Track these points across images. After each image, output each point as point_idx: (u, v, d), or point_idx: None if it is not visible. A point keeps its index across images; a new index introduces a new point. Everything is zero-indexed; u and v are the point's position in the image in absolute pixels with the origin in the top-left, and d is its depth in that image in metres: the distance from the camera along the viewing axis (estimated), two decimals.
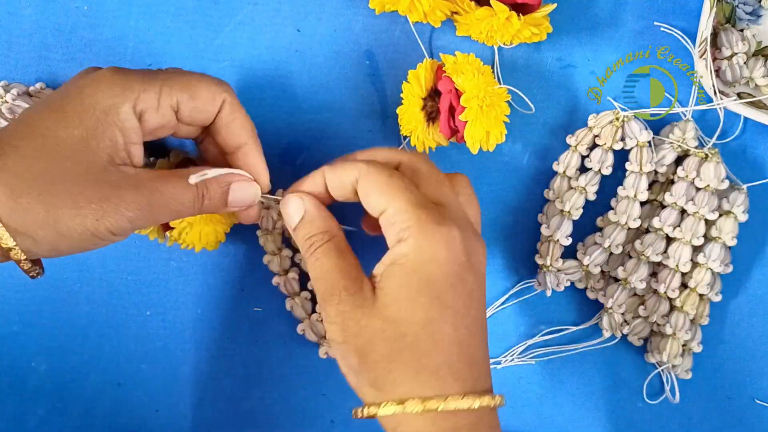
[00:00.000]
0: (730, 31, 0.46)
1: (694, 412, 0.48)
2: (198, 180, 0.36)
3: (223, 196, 0.37)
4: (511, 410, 0.48)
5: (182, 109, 0.36)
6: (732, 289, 0.48)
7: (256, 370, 0.47)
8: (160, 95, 0.35)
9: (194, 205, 0.36)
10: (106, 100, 0.34)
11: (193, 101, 0.36)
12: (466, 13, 0.43)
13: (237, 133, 0.38)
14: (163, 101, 0.35)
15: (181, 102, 0.36)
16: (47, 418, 0.47)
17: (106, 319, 0.47)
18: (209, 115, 0.37)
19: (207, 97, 0.37)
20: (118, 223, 0.33)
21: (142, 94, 0.34)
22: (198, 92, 0.36)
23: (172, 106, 0.36)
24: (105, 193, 0.33)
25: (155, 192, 0.35)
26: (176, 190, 0.35)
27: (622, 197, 0.46)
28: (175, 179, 0.36)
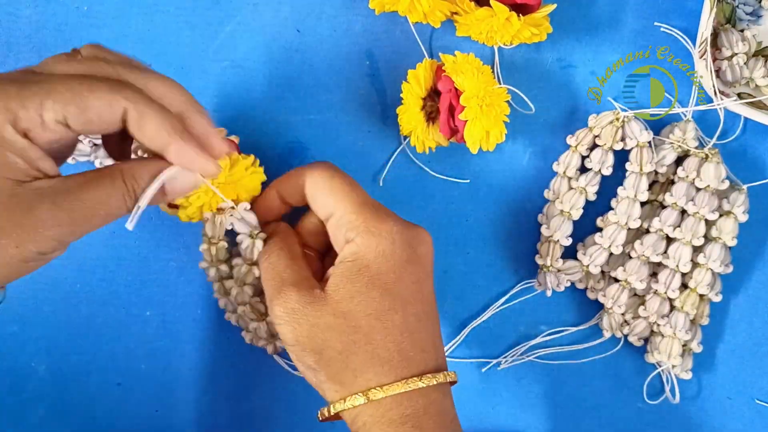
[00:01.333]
0: (730, 32, 0.46)
1: (694, 413, 0.48)
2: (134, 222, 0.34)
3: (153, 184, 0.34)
4: (510, 410, 0.48)
5: (72, 123, 0.32)
6: (732, 289, 0.48)
7: (256, 370, 0.47)
8: (42, 110, 0.31)
9: (126, 202, 0.34)
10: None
11: (83, 114, 0.31)
12: (466, 13, 0.43)
13: (153, 137, 0.33)
14: (46, 117, 0.31)
15: (68, 116, 0.31)
16: (47, 418, 0.47)
17: (106, 319, 0.47)
18: (110, 124, 0.33)
19: (100, 108, 0.32)
20: (43, 245, 0.31)
21: (20, 112, 0.30)
22: (87, 104, 0.31)
23: (59, 120, 0.31)
24: (17, 218, 0.31)
25: (75, 202, 0.32)
26: (100, 194, 0.33)
27: (622, 197, 0.46)
28: (98, 182, 0.33)
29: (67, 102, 0.31)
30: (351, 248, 0.37)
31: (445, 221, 0.48)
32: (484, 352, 0.48)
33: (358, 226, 0.37)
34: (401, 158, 0.47)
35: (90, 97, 0.32)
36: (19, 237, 0.31)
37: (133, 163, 0.34)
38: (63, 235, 0.32)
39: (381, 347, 0.36)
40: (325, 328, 0.36)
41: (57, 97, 0.31)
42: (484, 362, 0.48)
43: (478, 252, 0.48)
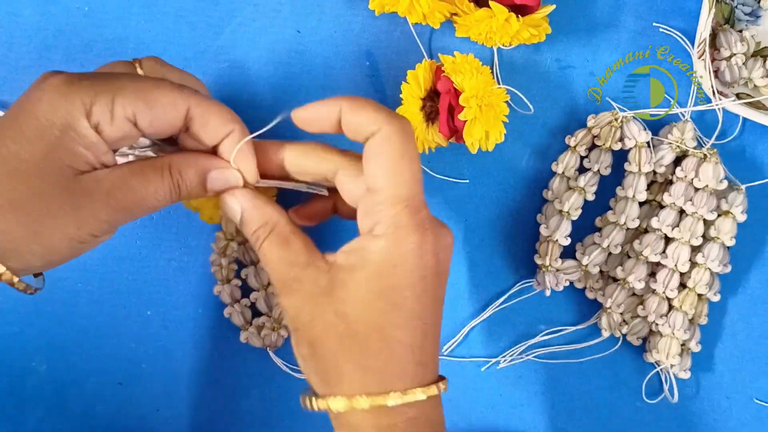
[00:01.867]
0: (729, 32, 0.46)
1: (692, 412, 0.49)
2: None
3: (201, 184, 0.36)
4: (510, 410, 0.48)
5: (140, 119, 0.33)
6: (730, 288, 0.48)
7: (256, 370, 0.47)
8: (112, 107, 0.32)
9: (171, 195, 0.35)
10: (60, 117, 0.32)
11: (150, 111, 0.33)
12: (465, 14, 0.43)
13: (213, 132, 0.35)
14: (116, 113, 0.33)
15: (137, 112, 0.33)
16: (47, 418, 0.47)
17: (106, 318, 0.47)
18: (173, 123, 0.34)
19: (166, 106, 0.34)
20: (97, 227, 0.33)
21: (93, 108, 0.32)
22: (155, 101, 0.33)
23: (128, 117, 0.33)
24: (77, 201, 0.32)
25: (128, 193, 0.34)
26: (149, 187, 0.34)
27: (620, 197, 0.46)
28: (148, 175, 0.34)
29: (136, 99, 0.33)
30: (372, 245, 0.34)
31: (444, 221, 0.47)
32: (484, 352, 0.48)
33: (390, 225, 0.34)
34: None
35: (157, 95, 0.33)
36: (78, 218, 0.33)
37: (181, 158, 0.36)
38: (114, 220, 0.34)
39: (375, 358, 0.34)
40: (323, 323, 0.35)
41: (127, 93, 0.33)
42: (484, 362, 0.48)
43: (478, 252, 0.48)
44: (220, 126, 0.35)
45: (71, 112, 0.32)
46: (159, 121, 0.34)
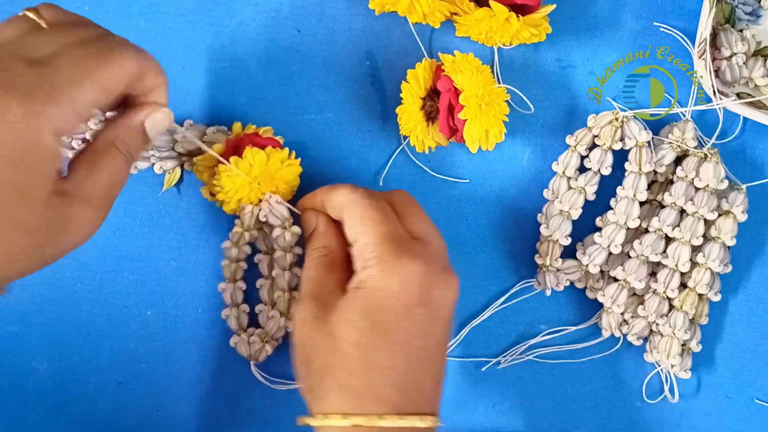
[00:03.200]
0: (729, 32, 0.46)
1: (693, 412, 0.49)
2: None
3: (144, 138, 0.36)
4: (510, 409, 0.48)
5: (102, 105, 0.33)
6: (731, 288, 0.48)
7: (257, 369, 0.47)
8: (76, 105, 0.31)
9: (129, 167, 0.36)
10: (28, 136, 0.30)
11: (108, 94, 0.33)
12: (466, 14, 0.43)
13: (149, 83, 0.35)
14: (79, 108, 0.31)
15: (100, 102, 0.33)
16: (47, 418, 0.47)
17: (106, 318, 0.47)
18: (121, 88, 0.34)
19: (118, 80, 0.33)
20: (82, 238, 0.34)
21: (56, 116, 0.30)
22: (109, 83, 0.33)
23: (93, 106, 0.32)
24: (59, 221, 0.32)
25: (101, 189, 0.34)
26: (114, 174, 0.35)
27: (621, 197, 0.46)
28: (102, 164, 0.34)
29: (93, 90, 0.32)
30: (361, 276, 0.38)
31: (444, 221, 0.48)
32: (484, 352, 0.48)
33: (374, 257, 0.37)
34: (401, 158, 0.47)
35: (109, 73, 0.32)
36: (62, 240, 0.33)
37: (115, 128, 0.35)
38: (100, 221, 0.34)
39: (355, 378, 0.36)
40: (316, 343, 0.37)
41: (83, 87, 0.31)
42: (484, 362, 0.48)
43: (478, 251, 0.48)
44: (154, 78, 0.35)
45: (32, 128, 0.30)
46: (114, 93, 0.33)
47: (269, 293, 0.45)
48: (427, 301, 0.37)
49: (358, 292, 0.37)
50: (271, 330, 0.45)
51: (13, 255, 0.31)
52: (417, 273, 0.37)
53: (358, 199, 0.39)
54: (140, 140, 0.36)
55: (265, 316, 0.45)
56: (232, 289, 0.45)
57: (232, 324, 0.45)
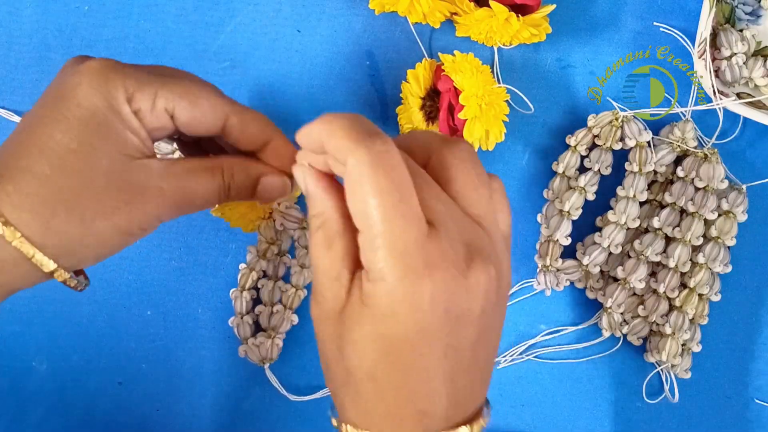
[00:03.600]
0: (729, 32, 0.46)
1: (693, 412, 0.49)
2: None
3: (251, 188, 0.36)
4: (510, 410, 0.48)
5: (178, 116, 0.33)
6: (731, 288, 0.48)
7: (257, 370, 0.47)
8: (155, 97, 0.32)
9: (220, 195, 0.35)
10: (103, 101, 0.31)
11: (191, 110, 0.33)
12: (466, 14, 0.43)
13: (252, 138, 0.36)
14: (158, 104, 0.33)
15: (177, 108, 0.33)
16: (47, 417, 0.47)
17: (106, 318, 0.47)
18: (211, 125, 0.34)
19: (207, 108, 0.34)
20: (146, 221, 0.33)
21: (136, 93, 0.32)
22: (197, 101, 0.33)
23: (168, 110, 0.33)
24: (131, 195, 0.32)
25: (179, 191, 0.33)
26: (201, 185, 0.34)
27: (621, 197, 0.46)
28: (201, 173, 0.34)
29: (179, 95, 0.33)
30: (367, 288, 0.29)
31: None
32: None
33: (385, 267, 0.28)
34: None
35: (200, 96, 0.33)
36: (130, 212, 0.32)
37: (233, 161, 0.35)
38: (163, 214, 0.33)
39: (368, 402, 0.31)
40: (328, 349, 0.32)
41: (171, 88, 0.33)
42: None
43: None
44: (259, 133, 0.36)
45: (114, 95, 0.31)
46: (197, 122, 0.34)
47: (270, 294, 0.45)
48: (448, 319, 0.30)
49: (364, 312, 0.30)
50: (275, 326, 0.45)
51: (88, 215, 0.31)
52: (432, 292, 0.29)
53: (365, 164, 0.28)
54: (247, 188, 0.35)
55: (266, 316, 0.45)
56: (246, 298, 0.45)
57: (240, 332, 0.45)
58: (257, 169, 0.36)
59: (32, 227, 0.30)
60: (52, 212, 0.30)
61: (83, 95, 0.31)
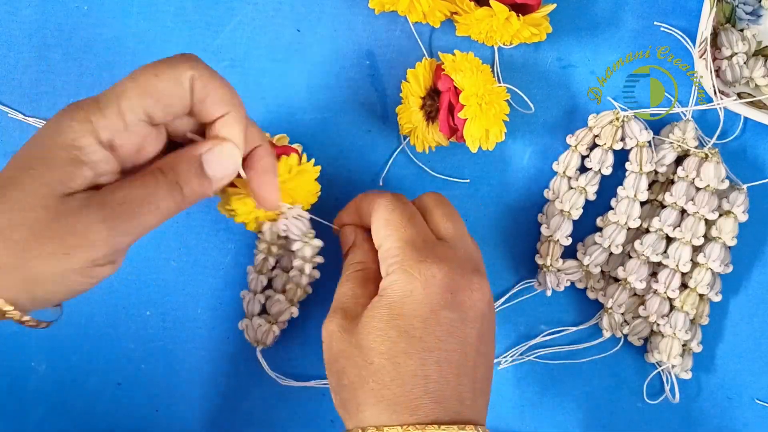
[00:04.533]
0: (730, 31, 0.46)
1: (694, 412, 0.48)
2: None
3: (198, 173, 0.34)
4: (511, 410, 0.48)
5: (153, 115, 0.32)
6: (732, 289, 0.48)
7: (256, 370, 0.47)
8: (121, 114, 0.31)
9: (173, 197, 0.33)
10: (67, 137, 0.31)
11: (159, 102, 0.32)
12: (466, 13, 0.43)
13: (212, 107, 0.34)
14: (128, 118, 0.32)
15: (147, 109, 0.32)
16: (47, 418, 0.47)
17: (106, 319, 0.47)
18: (183, 102, 0.33)
19: (171, 89, 0.32)
20: (94, 251, 0.31)
21: (101, 122, 0.31)
22: (159, 90, 0.32)
23: (141, 118, 0.32)
24: (64, 224, 0.30)
25: (122, 202, 0.31)
26: (143, 191, 0.32)
27: (622, 197, 0.46)
28: (140, 180, 0.32)
29: (140, 95, 0.32)
30: (385, 283, 0.37)
31: None
32: None
33: (396, 262, 0.37)
34: (401, 158, 0.47)
35: (158, 82, 0.32)
36: (68, 243, 0.30)
37: (168, 157, 0.34)
38: (113, 237, 0.31)
39: (387, 388, 0.35)
40: (345, 356, 0.36)
41: (129, 94, 0.31)
42: None
43: None
44: (218, 103, 0.34)
45: (77, 131, 0.31)
46: (170, 108, 0.33)
47: (283, 284, 0.45)
48: (454, 305, 0.36)
49: (381, 300, 0.36)
50: (276, 314, 0.44)
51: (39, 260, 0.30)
52: (441, 276, 0.36)
53: (383, 204, 0.39)
54: (193, 173, 0.33)
55: (272, 302, 0.45)
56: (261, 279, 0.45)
57: (246, 307, 0.45)
58: (194, 150, 0.34)
59: None
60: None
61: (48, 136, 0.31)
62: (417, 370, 0.35)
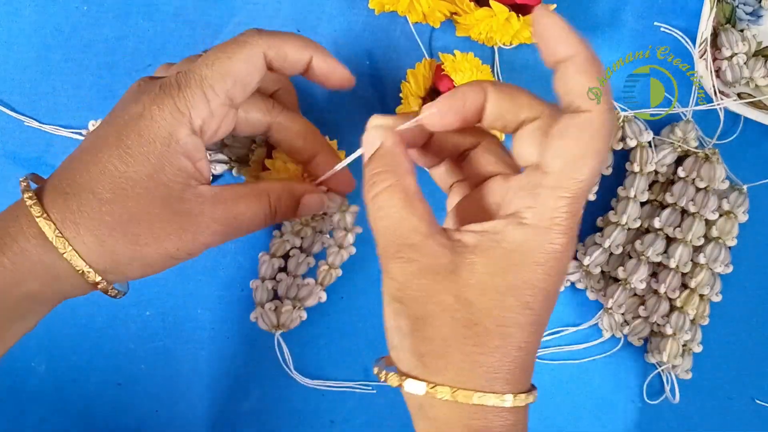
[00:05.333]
0: (730, 32, 0.46)
1: (694, 413, 0.48)
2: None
3: (293, 208, 0.38)
4: None
5: (234, 98, 0.34)
6: (732, 289, 0.48)
7: (256, 370, 0.47)
8: (207, 101, 0.33)
9: (266, 222, 0.37)
10: (163, 130, 0.33)
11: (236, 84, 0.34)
12: (466, 13, 0.43)
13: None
14: (213, 104, 0.34)
15: (229, 93, 0.34)
16: (47, 418, 0.47)
17: (105, 319, 0.47)
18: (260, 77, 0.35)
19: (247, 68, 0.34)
20: (195, 248, 0.35)
21: (192, 111, 0.33)
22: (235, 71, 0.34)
23: (224, 103, 0.34)
24: (182, 223, 0.34)
25: (230, 216, 0.35)
26: (249, 211, 0.36)
27: (622, 197, 0.46)
28: (249, 199, 0.36)
29: (220, 80, 0.34)
30: (518, 234, 0.29)
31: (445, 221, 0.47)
32: None
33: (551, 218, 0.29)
34: None
35: (232, 63, 0.34)
36: (180, 241, 0.34)
37: (279, 186, 0.37)
38: (212, 242, 0.35)
39: (490, 354, 0.30)
40: (440, 305, 0.30)
41: (210, 80, 0.33)
42: None
43: None
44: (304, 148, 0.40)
45: (173, 122, 0.33)
46: (248, 85, 0.35)
47: (297, 266, 0.45)
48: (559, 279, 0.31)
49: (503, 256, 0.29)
50: (303, 297, 0.44)
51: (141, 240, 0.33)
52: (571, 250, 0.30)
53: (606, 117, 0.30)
54: (290, 209, 0.38)
55: (284, 286, 0.45)
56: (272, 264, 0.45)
57: (258, 296, 0.45)
58: (300, 189, 0.38)
59: (88, 244, 0.33)
60: (109, 234, 0.33)
61: (144, 127, 0.33)
62: (521, 342, 0.30)
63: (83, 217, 0.32)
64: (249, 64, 0.34)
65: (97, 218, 0.33)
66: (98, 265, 0.33)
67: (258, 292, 0.45)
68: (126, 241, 0.33)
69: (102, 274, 0.33)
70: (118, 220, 0.33)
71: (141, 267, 0.34)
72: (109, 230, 0.33)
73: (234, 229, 0.36)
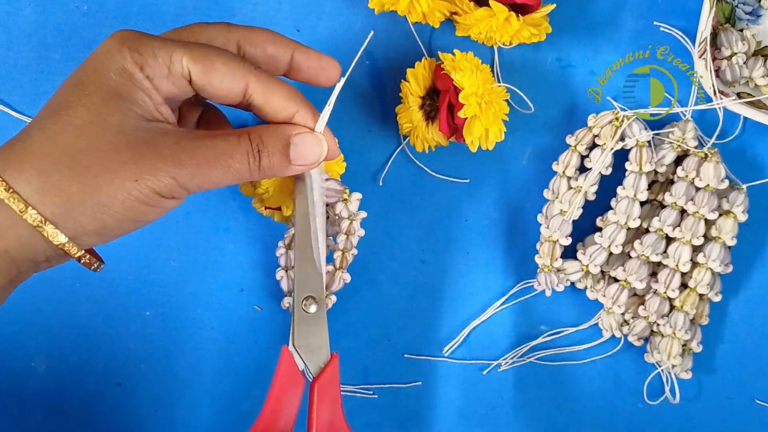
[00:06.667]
0: (729, 31, 0.46)
1: (694, 413, 0.48)
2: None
3: (283, 151, 0.34)
4: (512, 412, 0.48)
5: (195, 81, 0.33)
6: (732, 289, 0.48)
7: (256, 370, 0.47)
8: (170, 62, 0.32)
9: (249, 161, 0.33)
10: (117, 63, 0.31)
11: (207, 75, 0.32)
12: (465, 13, 0.43)
13: (280, 107, 0.34)
14: (174, 68, 0.32)
15: (193, 73, 0.32)
16: (47, 418, 0.47)
17: (105, 319, 0.47)
18: (231, 92, 0.33)
19: (224, 74, 0.33)
20: (161, 182, 0.31)
21: (150, 60, 0.31)
22: (214, 66, 0.32)
23: (184, 75, 0.32)
24: (139, 150, 0.31)
25: (199, 146, 0.32)
26: (224, 145, 0.32)
27: (621, 197, 0.46)
28: (224, 136, 0.33)
29: (195, 59, 0.32)
30: None
31: (444, 221, 0.48)
32: (485, 354, 0.48)
33: None
34: (401, 158, 0.47)
35: (217, 61, 0.33)
36: (138, 169, 0.30)
37: (261, 125, 0.34)
38: (182, 176, 0.31)
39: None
40: None
41: (187, 52, 0.32)
42: (485, 364, 0.48)
43: (478, 252, 0.48)
44: (284, 103, 0.34)
45: (127, 58, 0.31)
46: (214, 87, 0.33)
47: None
48: None
49: None
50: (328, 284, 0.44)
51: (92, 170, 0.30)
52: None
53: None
54: (278, 149, 0.34)
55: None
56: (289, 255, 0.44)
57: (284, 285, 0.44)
58: (287, 129, 0.35)
59: (32, 183, 0.30)
60: (54, 168, 0.30)
61: (98, 59, 0.32)
62: None
63: (27, 153, 0.30)
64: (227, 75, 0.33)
65: (43, 152, 0.30)
66: (45, 207, 0.30)
67: (284, 282, 0.44)
68: (74, 174, 0.30)
69: (55, 225, 0.30)
70: (64, 151, 0.30)
71: (97, 209, 0.30)
72: (53, 162, 0.30)
73: (209, 163, 0.32)
